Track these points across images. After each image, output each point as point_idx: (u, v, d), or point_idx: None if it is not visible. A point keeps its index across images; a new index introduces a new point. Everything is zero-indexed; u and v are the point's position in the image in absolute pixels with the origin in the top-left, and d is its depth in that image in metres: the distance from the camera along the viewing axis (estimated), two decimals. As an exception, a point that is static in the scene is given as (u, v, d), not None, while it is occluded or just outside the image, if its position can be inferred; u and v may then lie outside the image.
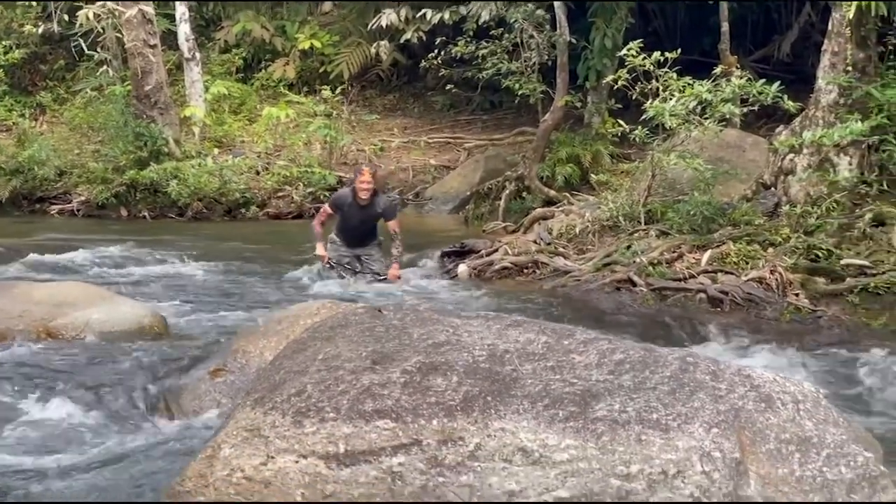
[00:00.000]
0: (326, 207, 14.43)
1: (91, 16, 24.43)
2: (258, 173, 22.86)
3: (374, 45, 25.95)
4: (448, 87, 24.35)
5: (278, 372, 5.50)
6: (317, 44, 27.61)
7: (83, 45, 25.76)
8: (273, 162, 23.43)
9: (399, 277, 14.19)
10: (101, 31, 25.44)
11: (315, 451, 4.82)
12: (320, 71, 27.75)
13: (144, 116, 22.90)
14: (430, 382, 5.19)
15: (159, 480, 5.31)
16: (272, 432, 4.91)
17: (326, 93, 24.65)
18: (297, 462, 4.78)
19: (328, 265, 14.13)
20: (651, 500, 4.69)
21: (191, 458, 5.08)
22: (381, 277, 14.05)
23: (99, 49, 25.71)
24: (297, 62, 28.00)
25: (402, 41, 23.99)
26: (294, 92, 26.95)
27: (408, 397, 5.08)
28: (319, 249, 14.19)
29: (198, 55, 24.99)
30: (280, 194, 22.40)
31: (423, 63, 23.24)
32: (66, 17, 26.40)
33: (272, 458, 4.80)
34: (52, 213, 22.40)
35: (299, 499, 4.66)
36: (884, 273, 12.59)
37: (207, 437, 5.53)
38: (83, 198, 22.34)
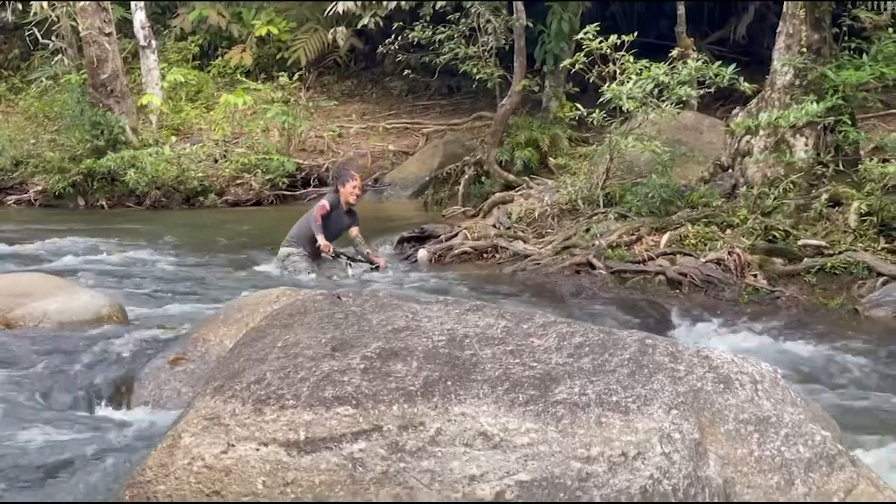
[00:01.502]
0: (325, 203, 14.00)
1: (45, 4, 24.26)
2: (216, 161, 22.77)
3: (331, 30, 25.91)
4: (406, 72, 24.32)
5: (237, 360, 5.48)
6: (273, 30, 27.51)
7: (37, 33, 25.57)
8: (231, 149, 23.34)
9: (386, 264, 14.22)
10: (56, 19, 25.28)
11: (276, 439, 4.80)
12: (277, 57, 27.66)
13: (101, 105, 22.75)
14: (390, 368, 5.19)
15: (119, 471, 5.28)
16: (232, 420, 4.90)
17: (284, 79, 24.59)
18: (257, 450, 4.76)
19: (333, 255, 13.96)
20: (612, 481, 4.71)
21: (151, 447, 5.05)
22: (374, 266, 14.07)
23: (54, 38, 25.56)
24: (253, 49, 27.90)
25: (359, 27, 23.97)
26: (251, 79, 26.83)
27: (368, 383, 5.07)
28: (322, 240, 13.86)
29: (154, 43, 24.87)
30: (238, 182, 22.33)
31: (380, 48, 23.17)
32: (19, 6, 26.20)
33: (233, 446, 4.78)
34: (8, 203, 22.26)
35: (260, 487, 4.65)
36: (840, 253, 12.69)
37: (168, 426, 5.50)
38: (40, 188, 22.20)
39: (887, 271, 12.28)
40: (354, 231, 14.31)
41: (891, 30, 15.79)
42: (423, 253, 15.08)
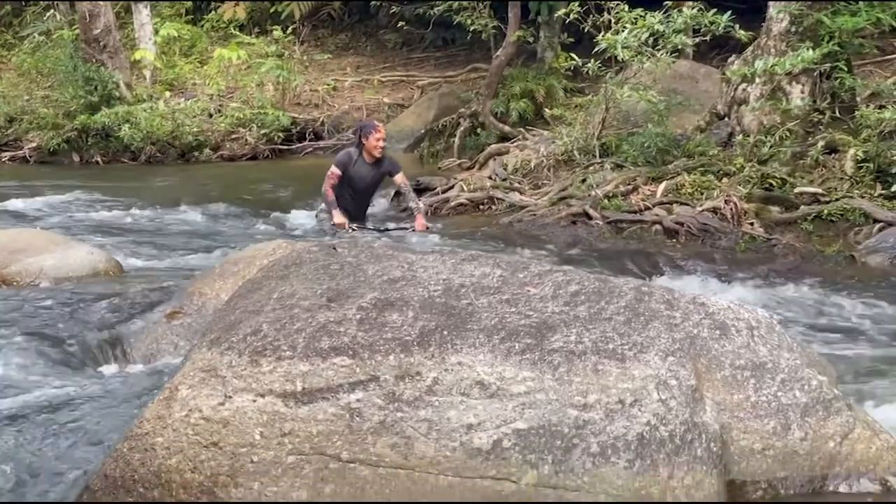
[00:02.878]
0: (335, 169, 12.87)
1: (36, -41, 24.11)
2: (211, 116, 22.67)
3: (325, -17, 25.76)
4: (400, 24, 24.22)
5: (234, 312, 5.48)
6: (267, -17, 27.38)
7: (29, -11, 25.42)
8: (226, 104, 23.23)
9: (428, 227, 13.33)
10: (47, -26, 25.11)
11: (272, 390, 4.81)
12: (271, 11, 27.48)
13: (94, 60, 22.62)
14: (386, 318, 5.19)
15: (117, 424, 5.29)
16: (229, 372, 4.90)
17: (278, 33, 24.44)
18: (254, 401, 4.77)
19: (350, 230, 12.93)
20: (608, 428, 4.72)
21: (149, 401, 5.06)
22: (408, 227, 13.37)
23: (45, -7, 25.40)
24: (247, 3, 27.74)
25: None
26: (245, 33, 26.64)
27: (364, 334, 5.08)
28: (337, 217, 12.96)
29: (146, -3, 24.73)
30: (234, 136, 22.24)
31: (374, 1, 23.04)
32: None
33: (230, 397, 4.78)
34: (2, 160, 22.15)
35: (257, 437, 4.66)
36: (837, 200, 12.70)
37: (165, 379, 5.51)
38: (34, 144, 22.10)
39: (884, 217, 12.29)
40: (399, 178, 13.68)
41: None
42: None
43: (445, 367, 4.91)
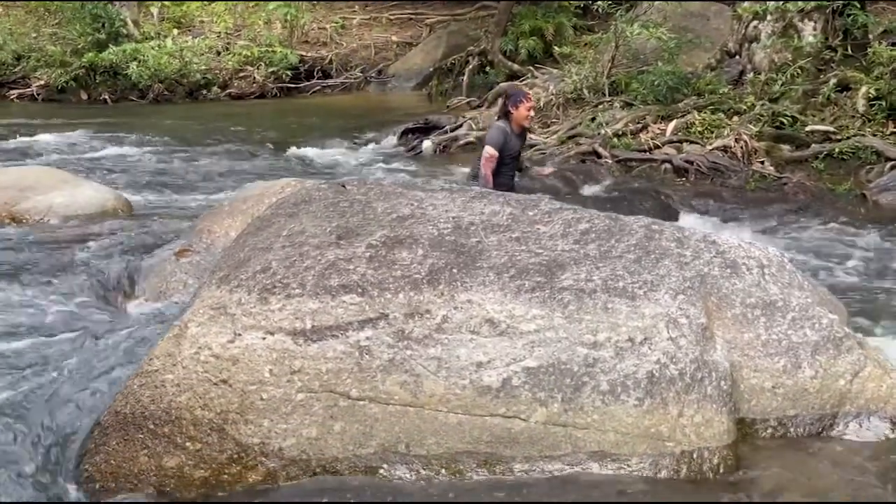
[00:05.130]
0: (492, 150, 10.61)
1: None
2: (219, 54, 22.61)
3: (333, -81, 25.55)
4: (409, -39, 24.08)
5: (243, 249, 5.46)
6: (274, -80, 27.14)
7: (36, -75, 25.24)
8: (233, 42, 23.14)
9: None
10: (55, -90, 24.91)
11: (282, 328, 4.80)
12: (279, -52, 27.32)
13: (101, -2, 22.53)
14: (396, 256, 5.17)
15: (128, 361, 5.29)
16: (238, 310, 4.89)
17: (286, -30, 24.30)
18: (264, 339, 4.76)
19: None
20: (618, 366, 4.72)
21: (159, 338, 5.05)
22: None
23: (52, -71, 25.21)
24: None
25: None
26: (252, -30, 26.54)
27: (373, 271, 5.06)
28: None
29: (153, -65, 24.56)
30: (241, 74, 22.20)
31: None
32: None
33: (239, 335, 4.77)
34: (11, 98, 22.10)
35: (267, 375, 4.65)
36: (848, 138, 12.63)
37: (174, 317, 5.51)
38: (42, 82, 22.04)
39: (895, 155, 12.21)
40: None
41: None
42: (427, 144, 15.04)
43: (455, 305, 4.90)
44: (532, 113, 11.00)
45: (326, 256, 5.17)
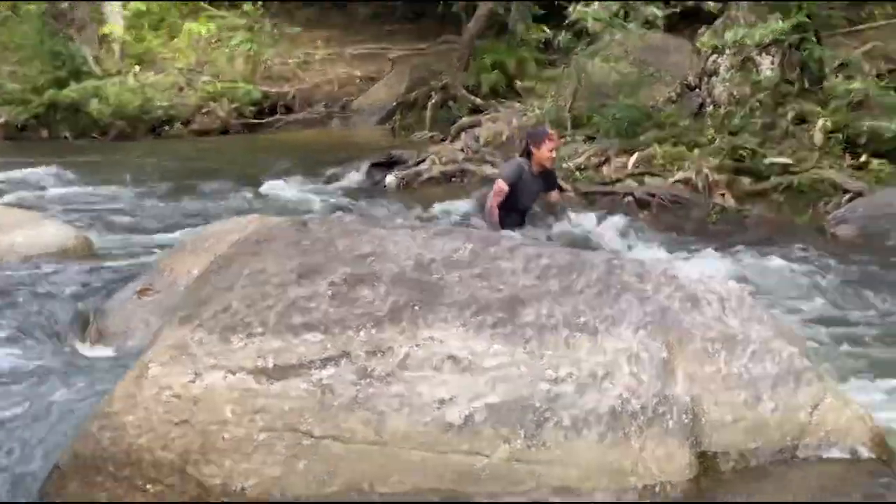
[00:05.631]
0: (502, 185, 10.45)
1: (2, -67, 23.87)
2: (181, 90, 22.55)
3: (295, -44, 25.62)
4: (371, -3, 24.14)
5: (204, 288, 5.46)
6: (237, -44, 27.17)
7: (-5, -37, 25.19)
8: (196, 78, 23.11)
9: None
10: (13, -53, 24.87)
11: (244, 367, 4.79)
12: (240, -16, 27.34)
13: (61, 35, 22.46)
14: (358, 294, 5.18)
15: (87, 402, 5.26)
16: (200, 349, 4.88)
17: (247, 6, 24.33)
18: (225, 378, 4.75)
19: None
20: (580, 402, 4.74)
21: (119, 378, 5.03)
22: None
23: (12, -34, 25.16)
24: (217, -24, 27.57)
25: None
26: (215, 6, 26.50)
27: (335, 309, 5.06)
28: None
29: (114, -29, 24.52)
30: (204, 110, 22.15)
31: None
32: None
33: (200, 375, 4.76)
34: (-30, 136, 21.97)
35: (229, 415, 4.64)
36: (807, 171, 12.75)
37: (135, 357, 5.48)
38: (2, 119, 21.91)
39: (853, 188, 12.36)
40: (554, 196, 11.77)
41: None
42: (391, 179, 15.06)
43: (417, 342, 4.91)
44: (555, 153, 10.73)
45: (288, 295, 5.17)
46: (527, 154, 10.30)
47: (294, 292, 5.19)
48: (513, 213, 10.70)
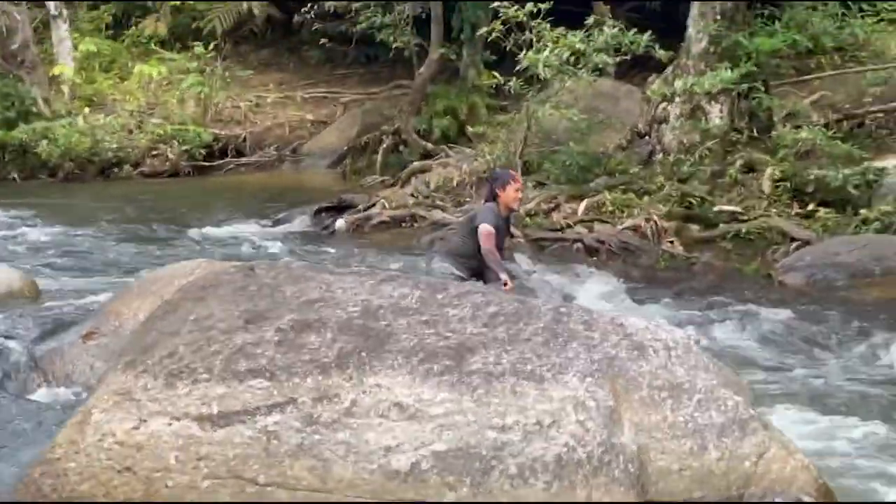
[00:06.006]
0: (489, 229, 10.05)
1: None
2: (131, 132, 22.42)
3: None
4: (323, 41, 24.11)
5: (149, 334, 5.42)
6: (188, -1, 27.13)
7: (-55, 3, 25.02)
8: (146, 120, 23.00)
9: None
10: (-37, -11, 24.73)
11: (188, 413, 4.76)
12: (192, 27, 27.24)
13: (11, 76, 22.34)
14: (304, 340, 5.16)
15: (30, 448, 5.21)
16: (144, 395, 4.84)
17: (199, 49, 24.25)
18: (169, 425, 4.72)
19: None
20: (527, 450, 4.72)
21: (63, 424, 4.99)
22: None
23: (-39, 8, 25.01)
24: (168, 18, 27.48)
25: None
26: (166, 48, 26.42)
27: (282, 356, 5.04)
28: (508, 278, 9.88)
29: (65, 12, 24.39)
30: (155, 153, 22.01)
31: (296, 17, 22.99)
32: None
33: (144, 421, 4.73)
34: (-83, 178, 21.74)
35: (173, 462, 4.60)
36: (755, 219, 12.85)
37: (80, 402, 5.44)
38: (-50, 161, 21.73)
39: (800, 236, 12.46)
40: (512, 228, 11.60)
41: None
42: (341, 223, 15.04)
43: (364, 389, 4.90)
44: (521, 194, 10.61)
45: (234, 341, 5.15)
46: (493, 198, 10.27)
47: (240, 338, 5.17)
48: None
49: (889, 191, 13.03)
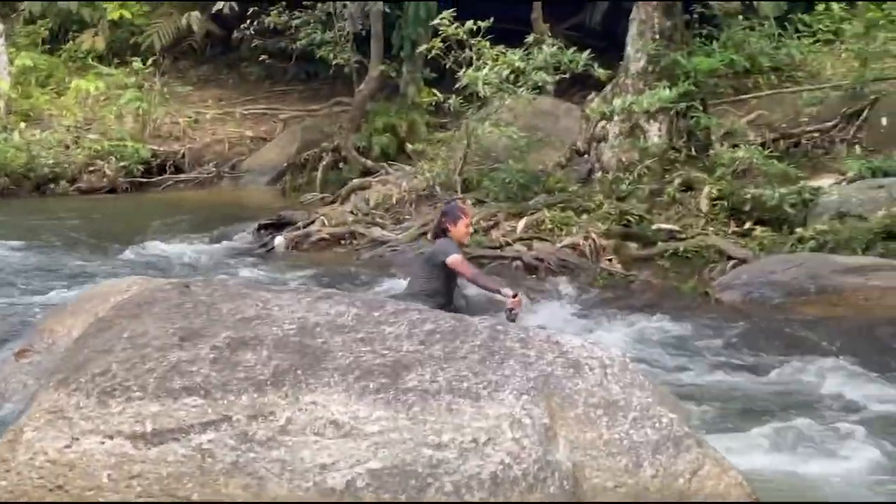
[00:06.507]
0: (460, 256, 9.74)
1: None
2: (68, 147, 22.24)
3: (186, 15, 25.51)
4: (263, 57, 24.06)
5: (83, 351, 5.38)
6: (126, 14, 26.88)
7: None
8: (83, 136, 22.82)
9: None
10: None
11: (121, 431, 4.72)
12: (131, 42, 27.08)
13: (-54, 90, 22.13)
14: (240, 358, 5.14)
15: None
16: (76, 413, 4.80)
17: (137, 64, 24.10)
18: (102, 443, 4.68)
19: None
20: (462, 468, 4.72)
21: (-7, 443, 4.93)
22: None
23: None
24: (106, 33, 27.29)
25: (214, 11, 23.63)
26: (104, 64, 26.22)
27: (217, 373, 5.02)
28: (507, 289, 9.48)
29: (1, 27, 24.21)
30: (91, 169, 21.83)
31: (236, 33, 22.93)
32: None
33: (77, 439, 4.69)
34: None
35: (105, 480, 4.56)
36: (692, 237, 12.94)
37: (12, 421, 5.37)
38: None
39: (737, 254, 12.56)
40: None
41: (740, 17, 16.15)
42: (279, 240, 14.98)
43: (299, 407, 4.88)
44: (472, 228, 10.42)
45: (169, 359, 5.11)
46: (442, 233, 10.11)
47: (175, 356, 5.13)
48: (456, 286, 10.36)
49: (824, 210, 13.17)
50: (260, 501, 4.60)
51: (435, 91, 16.49)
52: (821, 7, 18.42)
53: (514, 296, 9.00)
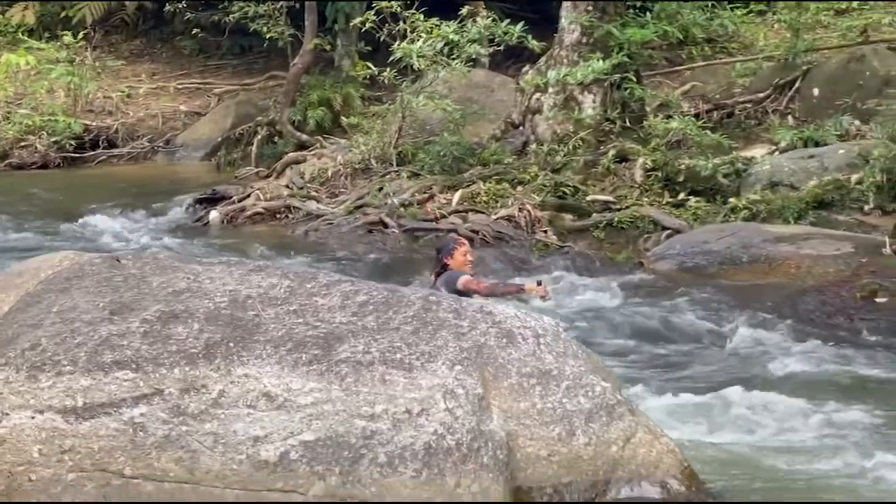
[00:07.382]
0: (469, 276, 9.48)
1: None
2: (-2, 122, 21.99)
3: (118, -12, 25.25)
4: (196, 31, 23.84)
5: (11, 326, 5.32)
6: (57, -13, 26.65)
7: None
8: (14, 111, 22.54)
9: None
10: None
11: (52, 406, 4.69)
12: (62, 16, 26.74)
13: None
14: (171, 331, 5.11)
15: None
16: (6, 388, 4.76)
17: (68, 38, 23.79)
18: (32, 418, 4.64)
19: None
20: (396, 438, 4.73)
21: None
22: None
23: None
24: (36, 7, 26.94)
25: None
26: (34, 38, 25.88)
27: (148, 347, 4.99)
28: (530, 283, 9.34)
29: (-71, 0, 23.87)
30: (23, 144, 21.58)
31: (168, 6, 22.71)
32: None
33: (6, 414, 4.65)
34: None
35: (36, 455, 4.53)
36: (627, 208, 13.02)
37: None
38: None
39: (671, 224, 12.68)
40: None
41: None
42: (214, 214, 14.91)
43: (231, 380, 4.87)
44: (471, 255, 9.78)
45: (99, 332, 5.08)
46: (442, 269, 9.94)
47: (105, 329, 5.10)
48: None
49: (757, 180, 13.34)
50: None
51: (369, 64, 16.41)
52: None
53: (539, 283, 8.85)
